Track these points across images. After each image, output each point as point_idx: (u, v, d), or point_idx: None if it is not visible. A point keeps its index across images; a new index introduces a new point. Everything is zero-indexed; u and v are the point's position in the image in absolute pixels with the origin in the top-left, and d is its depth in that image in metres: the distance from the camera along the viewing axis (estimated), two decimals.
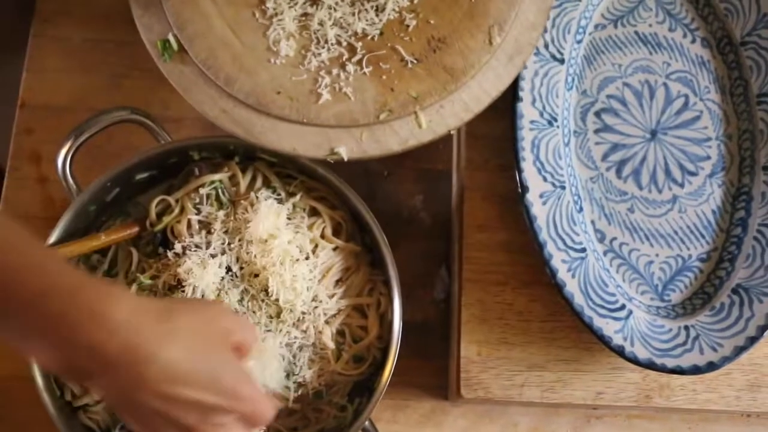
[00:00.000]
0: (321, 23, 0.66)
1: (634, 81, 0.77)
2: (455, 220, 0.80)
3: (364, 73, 0.66)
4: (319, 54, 0.66)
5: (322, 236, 0.73)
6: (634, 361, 0.69)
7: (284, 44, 0.66)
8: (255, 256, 0.69)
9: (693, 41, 0.79)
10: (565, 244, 0.71)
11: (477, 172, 0.77)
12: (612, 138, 0.76)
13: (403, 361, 0.70)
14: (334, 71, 0.66)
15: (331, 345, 0.72)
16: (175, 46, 0.67)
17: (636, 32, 0.78)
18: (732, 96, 0.78)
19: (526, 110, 0.73)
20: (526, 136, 0.72)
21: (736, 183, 0.76)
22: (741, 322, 0.71)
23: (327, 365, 0.72)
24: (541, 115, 0.73)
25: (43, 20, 0.85)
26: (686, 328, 0.71)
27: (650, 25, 0.79)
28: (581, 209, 0.74)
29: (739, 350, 0.70)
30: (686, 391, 0.74)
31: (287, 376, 0.71)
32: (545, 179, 0.72)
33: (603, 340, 0.70)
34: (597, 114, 0.76)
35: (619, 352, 0.69)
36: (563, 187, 0.73)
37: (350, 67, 0.65)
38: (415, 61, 0.66)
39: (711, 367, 0.70)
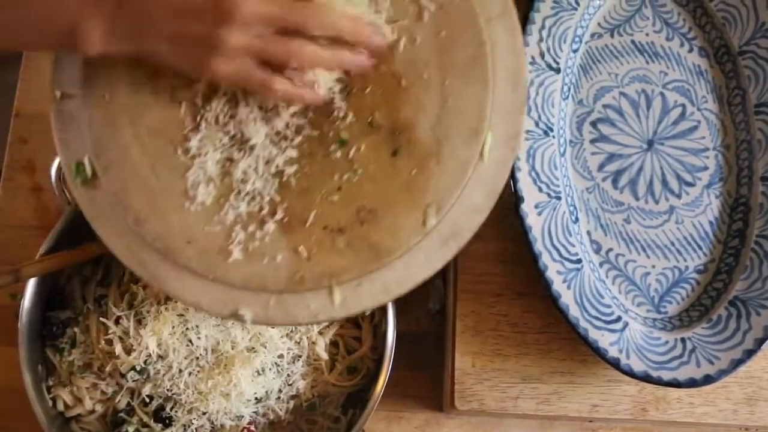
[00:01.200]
0: (245, 172, 0.59)
1: (631, 90, 0.77)
2: None
3: (282, 235, 0.58)
4: (238, 207, 0.58)
5: None
6: (630, 373, 0.69)
7: (202, 189, 0.59)
8: None
9: (690, 50, 0.78)
10: (560, 255, 0.70)
11: None
12: (608, 148, 0.75)
13: (397, 372, 0.70)
14: (250, 228, 0.58)
15: (325, 356, 0.72)
16: (88, 171, 0.60)
17: (633, 41, 0.78)
18: (730, 106, 0.77)
19: None
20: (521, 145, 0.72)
21: (733, 194, 0.76)
22: (738, 334, 0.70)
23: (320, 376, 0.72)
24: (537, 124, 0.73)
25: None
26: (683, 340, 0.71)
27: (647, 35, 0.78)
28: (577, 220, 0.73)
29: (737, 363, 0.69)
30: (683, 404, 0.74)
31: (280, 388, 0.71)
32: (540, 189, 0.71)
33: (598, 353, 0.69)
34: (593, 124, 0.76)
35: (615, 364, 0.69)
36: (559, 198, 0.72)
37: (268, 227, 0.58)
38: (338, 231, 0.58)
39: (708, 380, 0.69)
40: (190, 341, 0.68)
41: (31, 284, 0.70)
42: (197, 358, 0.68)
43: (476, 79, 0.56)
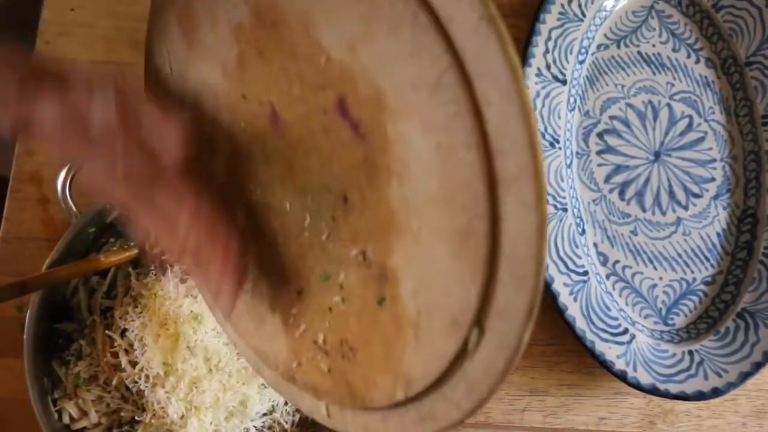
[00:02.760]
0: None
1: (638, 102, 0.76)
2: None
3: (282, 328, 0.54)
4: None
5: None
6: (637, 386, 0.68)
7: None
8: None
9: (697, 61, 0.78)
10: (566, 267, 0.70)
11: None
12: (615, 159, 0.75)
13: None
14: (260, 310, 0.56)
15: None
16: None
17: (639, 53, 0.78)
18: (737, 117, 0.77)
19: None
20: None
21: (741, 205, 0.75)
22: (746, 347, 0.70)
23: None
24: (543, 136, 0.73)
25: (45, 43, 0.85)
26: (690, 353, 0.70)
27: (654, 46, 0.78)
28: (583, 232, 0.73)
29: (745, 376, 0.69)
30: (691, 417, 0.73)
31: (286, 401, 0.71)
32: (547, 201, 0.71)
33: (605, 365, 0.69)
34: (600, 135, 0.75)
35: (622, 377, 0.68)
36: (565, 210, 0.72)
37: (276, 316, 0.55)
38: (324, 353, 0.51)
39: (716, 393, 0.69)
40: (195, 356, 0.68)
41: (37, 296, 0.70)
42: (210, 370, 0.68)
43: (466, 259, 0.40)
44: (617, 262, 0.73)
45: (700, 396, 0.69)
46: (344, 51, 0.44)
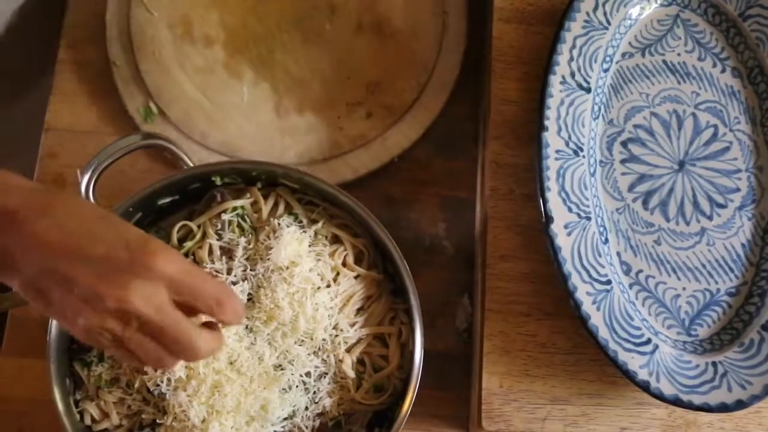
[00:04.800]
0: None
1: (662, 111, 0.76)
2: (478, 249, 0.80)
3: (317, 118, 0.83)
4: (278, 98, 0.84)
5: (344, 264, 0.73)
6: (660, 397, 0.68)
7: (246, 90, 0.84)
8: (276, 283, 0.69)
9: (723, 71, 0.77)
10: (590, 276, 0.70)
11: (501, 202, 0.76)
12: (639, 168, 0.75)
13: (423, 391, 0.70)
14: (292, 115, 0.83)
15: (352, 374, 0.71)
16: (155, 110, 0.82)
17: (664, 61, 0.77)
18: (763, 127, 0.76)
19: (552, 139, 0.72)
20: (551, 165, 0.71)
21: (766, 216, 0.75)
22: None
23: (347, 394, 0.72)
24: (567, 144, 0.72)
25: (68, 46, 0.86)
26: (714, 364, 0.70)
27: (679, 54, 0.77)
28: (607, 241, 0.73)
29: None
30: (714, 429, 0.73)
31: (307, 405, 0.71)
32: (570, 210, 0.71)
33: (628, 375, 0.68)
34: (624, 144, 0.75)
35: (645, 387, 0.68)
36: (588, 218, 0.71)
37: (307, 116, 0.83)
38: (358, 104, 0.82)
39: (739, 405, 0.68)
40: (217, 359, 0.68)
41: None
42: (232, 374, 0.68)
43: None
44: (640, 271, 0.73)
45: (723, 408, 0.68)
46: None
